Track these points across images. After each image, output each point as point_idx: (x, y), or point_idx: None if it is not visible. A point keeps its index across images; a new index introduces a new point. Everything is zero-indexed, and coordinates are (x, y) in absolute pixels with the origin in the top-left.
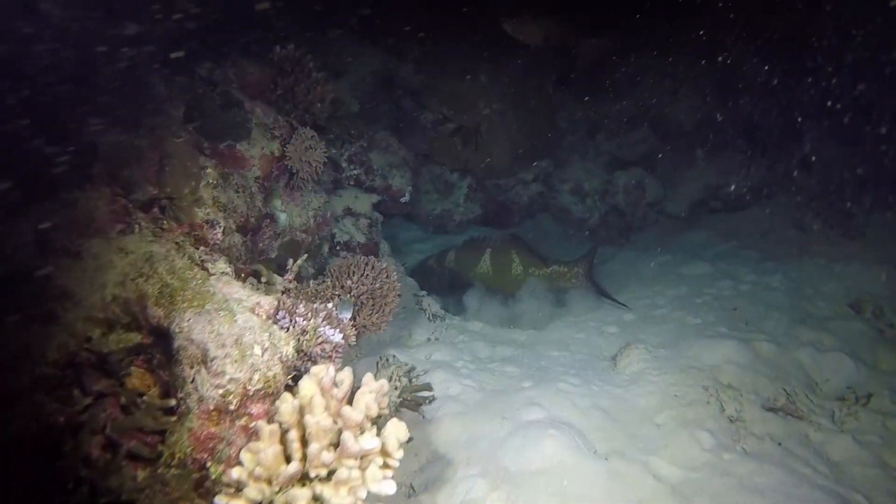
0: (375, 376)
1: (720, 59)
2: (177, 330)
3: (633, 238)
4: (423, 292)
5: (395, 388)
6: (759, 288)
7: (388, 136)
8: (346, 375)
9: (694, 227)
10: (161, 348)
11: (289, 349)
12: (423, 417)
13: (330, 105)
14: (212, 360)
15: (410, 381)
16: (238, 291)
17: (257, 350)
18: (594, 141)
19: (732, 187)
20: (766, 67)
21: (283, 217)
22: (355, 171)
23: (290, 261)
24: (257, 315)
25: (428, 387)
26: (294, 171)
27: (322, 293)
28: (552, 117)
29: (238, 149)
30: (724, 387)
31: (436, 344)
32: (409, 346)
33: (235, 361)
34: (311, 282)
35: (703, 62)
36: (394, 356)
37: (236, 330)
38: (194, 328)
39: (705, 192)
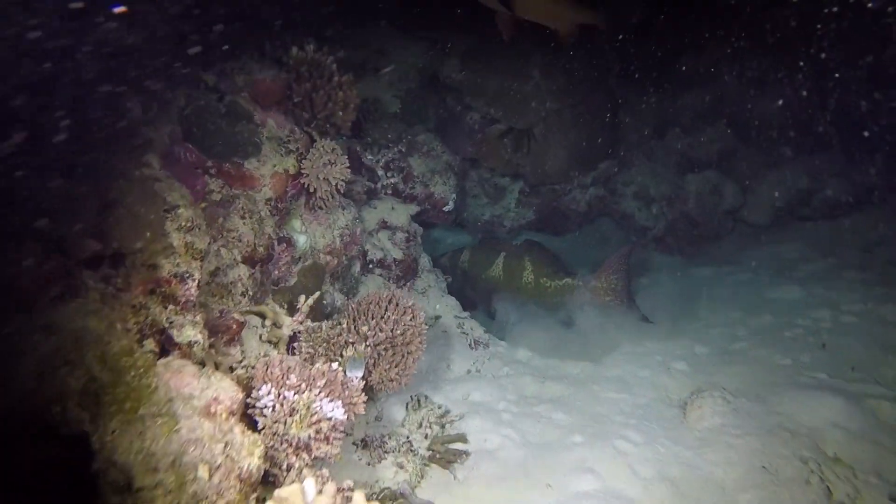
0: (404, 422)
1: (816, 47)
2: (97, 446)
3: (707, 250)
4: (466, 314)
5: (426, 437)
6: (868, 322)
7: (430, 138)
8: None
9: (780, 239)
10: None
11: (253, 461)
12: (455, 478)
13: (354, 112)
14: (138, 492)
15: (443, 427)
16: (190, 384)
17: (202, 472)
18: (662, 139)
19: (829, 191)
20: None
21: (302, 240)
22: (392, 180)
23: (302, 298)
24: (212, 416)
25: (462, 438)
26: (311, 190)
27: (335, 340)
28: (615, 113)
29: (246, 167)
30: (829, 461)
31: (476, 378)
32: (446, 379)
33: (170, 492)
34: (325, 324)
35: (795, 51)
36: (426, 397)
37: (175, 446)
38: (119, 445)
39: (793, 197)
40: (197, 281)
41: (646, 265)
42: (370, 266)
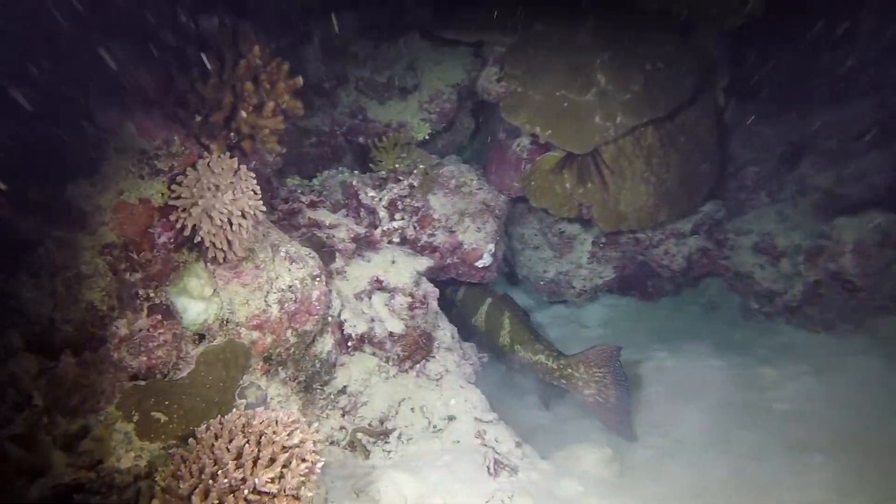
0: None
1: None
2: None
3: (874, 326)
4: (493, 416)
5: None
6: None
7: (463, 170)
8: None
9: None
10: None
11: None
12: None
13: (276, 117)
14: None
15: None
16: None
17: None
18: (796, 171)
19: None
20: None
21: (194, 309)
22: (398, 223)
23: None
24: None
25: None
26: (187, 234)
27: None
28: (723, 139)
29: (69, 195)
30: None
31: None
32: None
33: None
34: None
35: None
36: None
37: None
38: None
39: None
40: None
41: (765, 345)
42: (349, 344)
